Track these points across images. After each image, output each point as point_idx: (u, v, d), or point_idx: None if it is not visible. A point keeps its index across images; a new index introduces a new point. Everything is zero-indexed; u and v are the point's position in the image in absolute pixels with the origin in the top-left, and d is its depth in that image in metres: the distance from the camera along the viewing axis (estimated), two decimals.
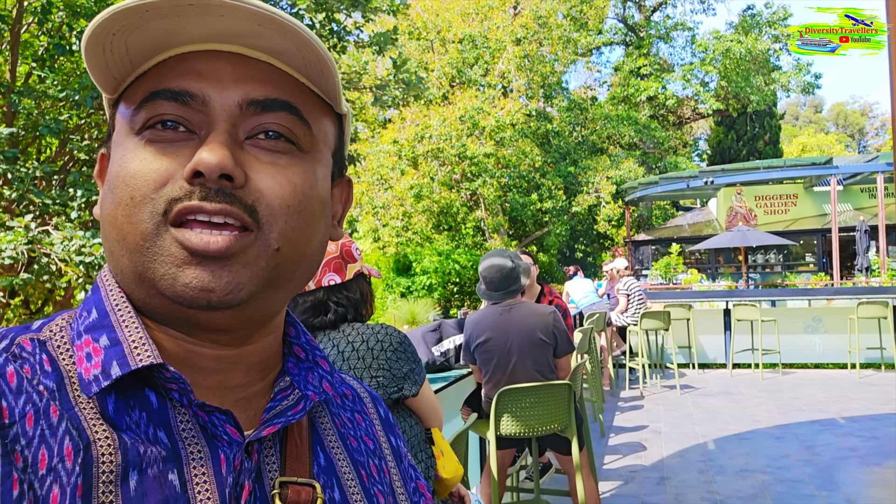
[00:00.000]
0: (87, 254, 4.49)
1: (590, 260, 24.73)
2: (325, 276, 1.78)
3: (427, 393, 1.87)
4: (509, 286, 3.41)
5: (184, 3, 0.48)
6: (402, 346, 1.79)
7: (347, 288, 1.81)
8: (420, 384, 1.82)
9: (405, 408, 1.85)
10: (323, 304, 1.79)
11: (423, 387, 1.85)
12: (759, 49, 22.85)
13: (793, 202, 19.49)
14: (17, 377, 0.48)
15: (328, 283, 1.78)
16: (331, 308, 1.78)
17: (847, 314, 8.80)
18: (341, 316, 1.79)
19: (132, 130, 0.52)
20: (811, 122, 52.50)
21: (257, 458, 0.55)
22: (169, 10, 0.49)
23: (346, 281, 1.81)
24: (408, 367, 1.78)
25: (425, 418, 1.90)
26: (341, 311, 1.78)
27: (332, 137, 0.60)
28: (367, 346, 1.74)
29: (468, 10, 20.31)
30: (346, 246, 1.82)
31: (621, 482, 4.76)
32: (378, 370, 1.72)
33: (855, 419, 6.33)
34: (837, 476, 4.71)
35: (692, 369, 9.47)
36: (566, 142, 21.76)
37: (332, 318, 1.78)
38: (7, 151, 4.69)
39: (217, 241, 0.49)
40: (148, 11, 0.48)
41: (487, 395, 3.47)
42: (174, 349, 0.54)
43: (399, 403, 1.82)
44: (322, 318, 1.78)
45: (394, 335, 1.80)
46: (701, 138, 35.45)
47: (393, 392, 1.75)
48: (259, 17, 0.49)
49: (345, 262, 1.80)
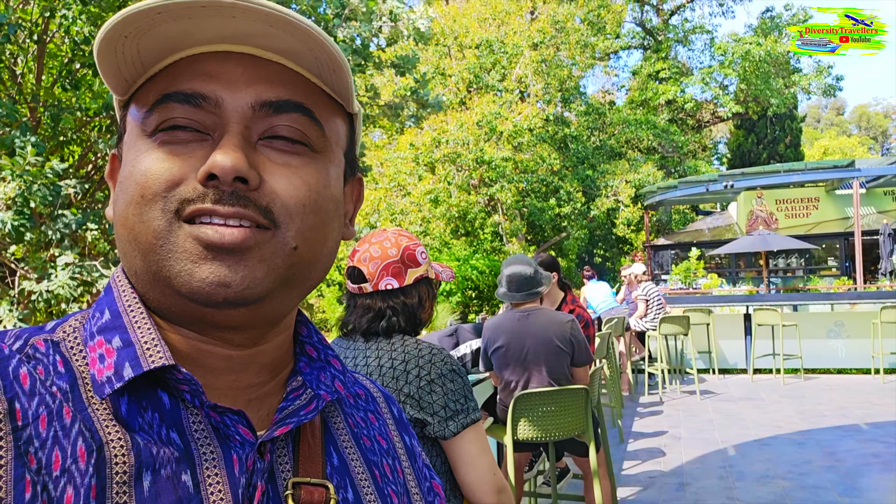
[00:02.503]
0: None
1: (608, 265, 24.60)
2: (382, 280, 1.68)
3: (470, 446, 1.60)
4: (530, 289, 3.42)
5: (196, 5, 0.48)
6: (444, 379, 1.62)
7: (405, 293, 1.71)
8: (458, 428, 1.59)
9: (437, 447, 1.63)
10: (378, 310, 1.70)
11: (466, 433, 1.60)
12: (779, 51, 22.63)
13: (814, 206, 19.24)
14: (31, 379, 0.48)
15: (385, 287, 1.68)
16: (385, 314, 1.69)
17: (870, 319, 8.67)
18: (394, 325, 1.68)
19: (144, 132, 0.53)
20: (833, 125, 51.83)
21: (270, 458, 0.55)
22: (181, 12, 0.49)
23: (404, 286, 1.70)
24: (443, 401, 1.59)
25: (460, 473, 1.60)
26: (394, 319, 1.68)
27: (344, 137, 0.60)
28: (404, 367, 1.62)
29: (485, 16, 20.32)
30: (409, 250, 1.72)
31: (640, 488, 4.73)
32: (406, 397, 1.59)
33: (879, 425, 6.23)
34: (860, 482, 4.64)
35: (712, 374, 9.37)
36: (584, 146, 21.66)
37: (385, 326, 1.68)
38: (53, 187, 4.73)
39: (233, 233, 0.49)
40: (160, 14, 0.49)
41: (503, 401, 3.47)
42: (186, 349, 0.54)
43: (429, 441, 1.62)
44: (375, 325, 1.69)
45: (439, 364, 1.63)
46: (721, 142, 35.13)
47: (414, 424, 1.58)
48: (271, 17, 0.50)
49: (405, 266, 1.70)
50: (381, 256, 1.69)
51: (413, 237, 1.77)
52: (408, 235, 1.76)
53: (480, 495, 1.58)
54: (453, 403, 1.61)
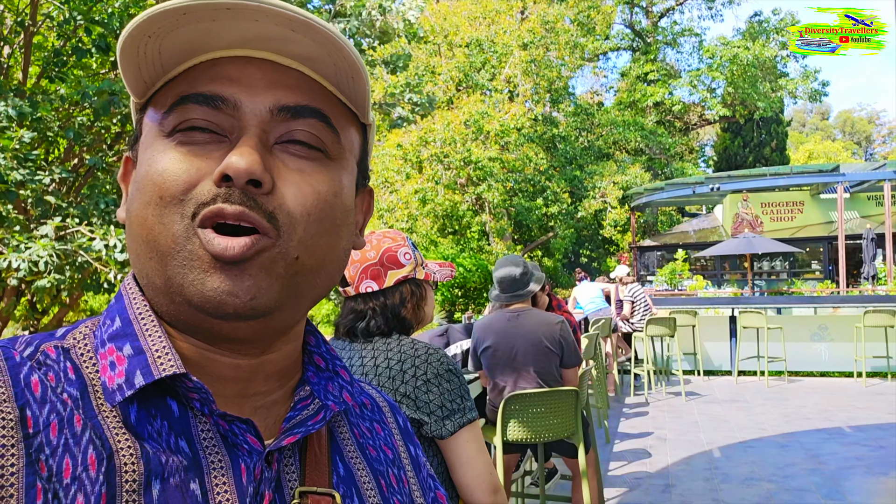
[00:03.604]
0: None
1: (594, 265, 24.71)
2: (362, 283, 1.70)
3: (467, 445, 1.60)
4: (517, 289, 3.42)
5: (221, 6, 0.48)
6: (440, 379, 1.62)
7: (386, 295, 1.72)
8: (455, 427, 1.59)
9: (434, 448, 1.64)
10: (359, 312, 1.72)
11: (463, 432, 1.60)
12: (767, 56, 22.85)
13: (799, 209, 19.45)
14: (42, 386, 0.49)
15: (365, 289, 1.70)
16: (366, 315, 1.71)
17: (853, 322, 8.77)
18: (373, 327, 1.70)
19: (162, 133, 0.52)
20: (818, 130, 52.38)
21: (277, 467, 0.55)
22: (205, 13, 0.49)
23: (384, 288, 1.71)
24: (440, 400, 1.60)
25: (457, 473, 1.60)
26: (374, 321, 1.69)
27: (358, 146, 0.60)
28: (400, 367, 1.62)
29: (475, 15, 20.35)
30: (389, 251, 1.72)
31: (626, 489, 4.74)
32: (403, 396, 1.60)
33: (861, 428, 6.30)
34: (844, 485, 4.68)
35: (697, 376, 9.43)
36: (572, 146, 21.76)
37: (363, 327, 1.69)
38: (28, 163, 4.69)
39: (234, 246, 0.49)
40: (185, 15, 0.49)
41: (493, 402, 3.46)
42: (195, 357, 0.54)
43: (426, 440, 1.62)
44: (356, 326, 1.71)
45: (435, 363, 1.63)
46: (707, 144, 35.40)
47: (411, 424, 1.58)
48: (294, 21, 0.50)
49: (385, 268, 1.71)
50: (361, 260, 1.71)
51: (398, 238, 1.76)
52: (392, 237, 1.76)
53: (478, 495, 1.57)
54: (450, 403, 1.61)
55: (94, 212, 5.28)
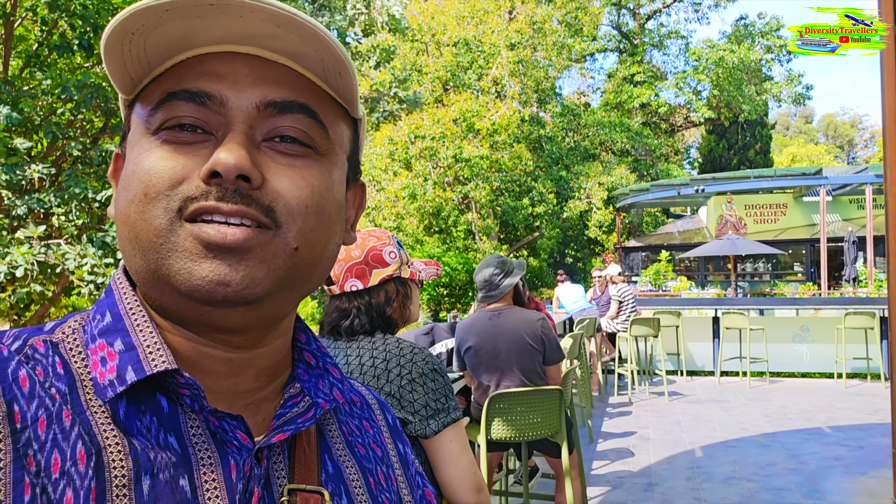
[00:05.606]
0: (98, 274, 4.53)
1: (580, 265, 24.80)
2: (347, 282, 1.71)
3: (451, 445, 1.61)
4: (490, 289, 3.42)
5: (204, 3, 0.48)
6: (425, 378, 1.63)
7: (370, 293, 1.72)
8: (439, 427, 1.60)
9: (417, 446, 1.64)
10: (343, 311, 1.72)
11: (447, 432, 1.61)
12: (752, 59, 23.03)
13: (782, 212, 19.64)
14: (30, 381, 0.48)
15: (350, 288, 1.71)
16: (350, 314, 1.71)
17: (834, 324, 8.86)
18: (357, 325, 1.70)
19: (148, 130, 0.52)
20: (801, 133, 52.87)
21: (266, 464, 0.55)
22: (189, 10, 0.48)
23: (368, 287, 1.71)
24: (424, 400, 1.61)
25: (440, 472, 1.60)
26: (358, 320, 1.70)
27: (348, 141, 0.60)
28: (385, 366, 1.63)
29: (463, 14, 20.32)
30: (374, 250, 1.72)
31: (609, 488, 4.77)
32: (388, 395, 1.60)
33: (841, 429, 6.37)
34: (823, 485, 4.74)
35: (680, 376, 9.50)
36: (559, 147, 21.83)
37: (347, 325, 1.70)
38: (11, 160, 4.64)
39: (234, 233, 0.49)
40: (168, 11, 0.48)
41: (477, 401, 3.47)
42: (186, 352, 0.54)
43: (410, 439, 1.61)
44: (339, 324, 1.71)
45: (420, 363, 1.64)
46: (692, 146, 35.64)
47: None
48: (279, 17, 0.49)
49: (369, 267, 1.71)
50: (346, 259, 1.71)
51: (383, 237, 1.76)
52: (377, 236, 1.76)
53: (462, 493, 1.58)
54: (434, 402, 1.62)
55: (71, 203, 5.22)
